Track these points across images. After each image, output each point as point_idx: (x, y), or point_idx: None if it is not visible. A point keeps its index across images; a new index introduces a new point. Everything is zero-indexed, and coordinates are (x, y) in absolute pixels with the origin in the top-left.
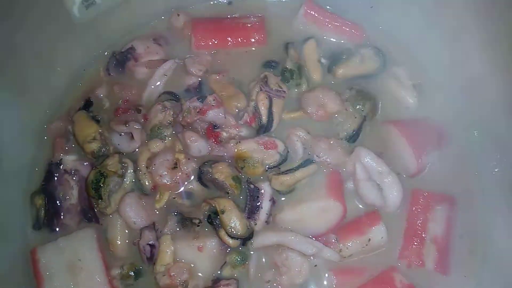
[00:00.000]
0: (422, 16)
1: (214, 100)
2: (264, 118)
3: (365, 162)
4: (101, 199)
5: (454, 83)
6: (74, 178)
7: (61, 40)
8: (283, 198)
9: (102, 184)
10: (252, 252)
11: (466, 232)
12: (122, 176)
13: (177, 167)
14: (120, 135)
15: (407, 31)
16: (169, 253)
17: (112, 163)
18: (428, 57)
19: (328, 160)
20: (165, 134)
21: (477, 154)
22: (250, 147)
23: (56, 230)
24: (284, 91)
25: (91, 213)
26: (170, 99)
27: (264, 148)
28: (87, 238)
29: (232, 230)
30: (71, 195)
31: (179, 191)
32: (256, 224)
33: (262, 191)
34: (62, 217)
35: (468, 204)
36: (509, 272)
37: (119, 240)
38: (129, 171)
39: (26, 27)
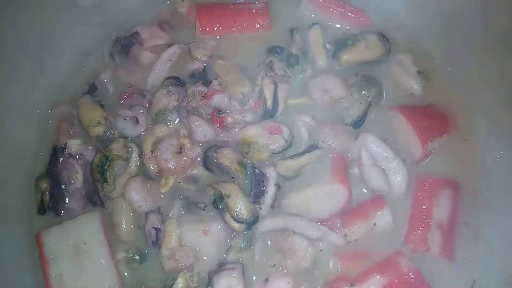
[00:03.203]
0: (427, 2)
1: (219, 84)
2: (269, 103)
3: (371, 147)
4: (106, 182)
5: (460, 69)
6: (78, 163)
7: (65, 24)
8: (288, 183)
9: (107, 167)
10: (257, 237)
11: (471, 218)
12: (127, 160)
13: (182, 152)
14: (125, 119)
15: (412, 17)
16: (174, 237)
17: (117, 147)
18: (433, 43)
19: (333, 145)
20: (170, 119)
21: (482, 140)
22: (255, 132)
23: (61, 214)
24: (290, 76)
25: (96, 197)
26: (174, 84)
27: (269, 133)
28: (92, 222)
29: (238, 214)
30: (75, 179)
31: (184, 175)
32: (261, 208)
33: (268, 175)
34: (67, 201)
35: (473, 190)
36: None
37: (124, 224)
38: (134, 155)
39: (31, 11)
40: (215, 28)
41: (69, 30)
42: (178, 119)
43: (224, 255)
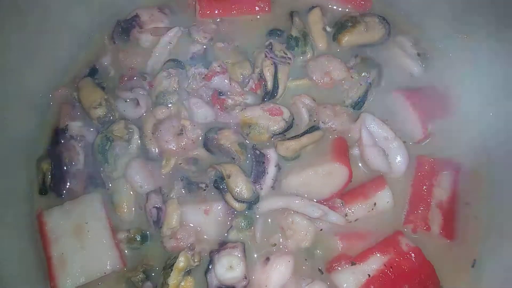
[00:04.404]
0: None
1: (219, 66)
2: (270, 84)
3: (371, 127)
4: (108, 162)
5: (459, 51)
6: (80, 144)
7: (66, 7)
8: (288, 164)
9: (108, 147)
10: (258, 216)
11: (471, 198)
12: (128, 141)
13: (182, 133)
14: (126, 101)
15: (412, 0)
16: (175, 216)
17: (118, 128)
18: (433, 26)
19: (333, 126)
20: (171, 100)
21: (482, 122)
22: (256, 114)
23: (62, 195)
24: (290, 58)
25: (97, 177)
26: (175, 67)
27: (269, 114)
28: (94, 202)
29: (238, 194)
30: (77, 160)
31: (185, 157)
32: (261, 189)
33: (268, 156)
34: (68, 182)
35: (473, 171)
36: None
37: (126, 204)
38: (135, 137)
39: None
40: (215, 11)
41: (70, 13)
42: (178, 101)
43: (225, 234)
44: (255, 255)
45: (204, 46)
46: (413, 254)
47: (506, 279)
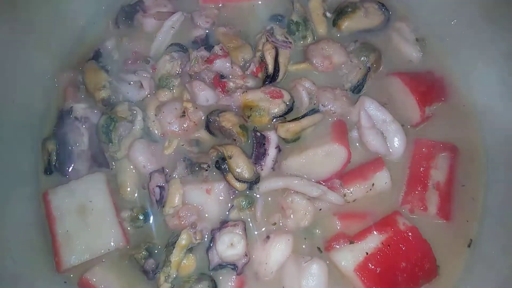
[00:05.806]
0: None
1: (221, 49)
2: (271, 67)
3: (369, 110)
4: (112, 142)
5: (458, 36)
6: (84, 126)
7: None
8: (289, 146)
9: (112, 128)
10: (258, 196)
11: (468, 180)
12: (132, 122)
13: (185, 115)
14: (129, 84)
15: None
16: (178, 195)
17: (121, 110)
18: (431, 11)
19: (333, 109)
20: (173, 84)
21: (479, 106)
22: (257, 97)
23: (67, 175)
24: (290, 42)
25: (101, 158)
26: (177, 50)
27: (270, 97)
28: (98, 181)
29: (239, 174)
30: (81, 141)
31: (188, 138)
32: (262, 169)
33: (269, 138)
34: (73, 162)
35: (470, 153)
36: (510, 218)
37: (129, 184)
38: (138, 118)
39: None
40: None
41: None
42: (181, 84)
43: (227, 213)
44: (256, 233)
45: (206, 31)
46: (410, 233)
47: (502, 259)
